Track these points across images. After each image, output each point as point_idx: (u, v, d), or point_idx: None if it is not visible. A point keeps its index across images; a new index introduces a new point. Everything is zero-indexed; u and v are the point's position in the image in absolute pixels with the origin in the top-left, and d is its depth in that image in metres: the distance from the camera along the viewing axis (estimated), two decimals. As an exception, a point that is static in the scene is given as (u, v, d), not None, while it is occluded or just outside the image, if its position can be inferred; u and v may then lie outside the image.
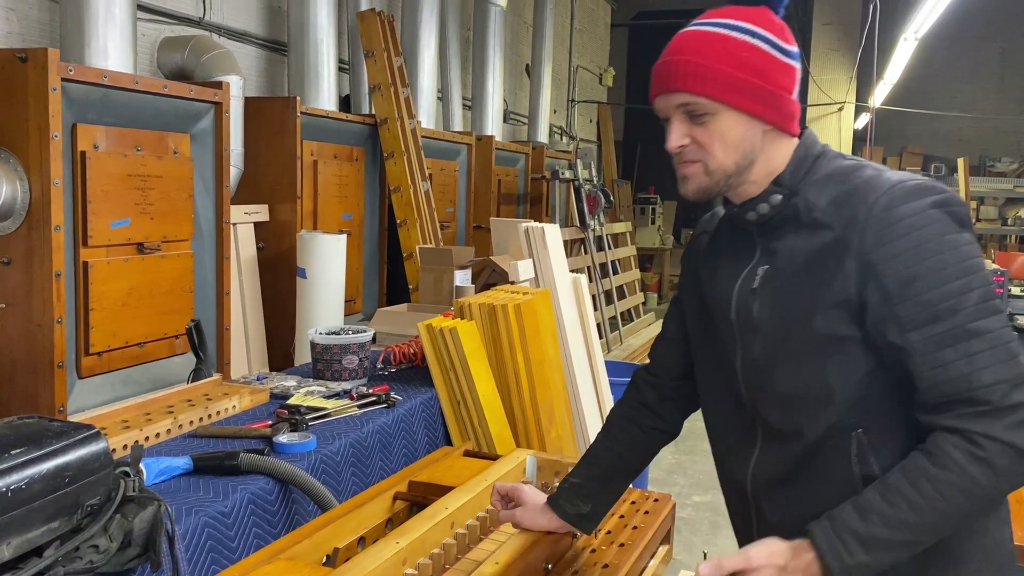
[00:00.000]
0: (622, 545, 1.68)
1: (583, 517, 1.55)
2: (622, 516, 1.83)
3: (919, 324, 1.17)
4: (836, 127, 12.86)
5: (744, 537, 1.42)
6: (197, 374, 2.56)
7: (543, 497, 1.59)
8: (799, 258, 1.27)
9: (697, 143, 1.28)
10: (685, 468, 5.30)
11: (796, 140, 1.32)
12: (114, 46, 3.08)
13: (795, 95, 1.29)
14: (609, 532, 1.75)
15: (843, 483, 1.25)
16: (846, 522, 1.18)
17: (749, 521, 1.40)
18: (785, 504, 1.33)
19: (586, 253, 7.47)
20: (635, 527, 1.79)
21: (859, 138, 13.46)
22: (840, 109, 13.08)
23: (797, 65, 1.29)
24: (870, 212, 1.19)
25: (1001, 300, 1.14)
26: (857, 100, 13.17)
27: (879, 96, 11.61)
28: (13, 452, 1.22)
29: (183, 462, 1.72)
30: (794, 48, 1.29)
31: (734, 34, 1.25)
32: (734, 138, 1.27)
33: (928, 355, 1.16)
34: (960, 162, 9.70)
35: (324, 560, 1.49)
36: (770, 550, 1.20)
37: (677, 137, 1.28)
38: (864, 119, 12.84)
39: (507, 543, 1.54)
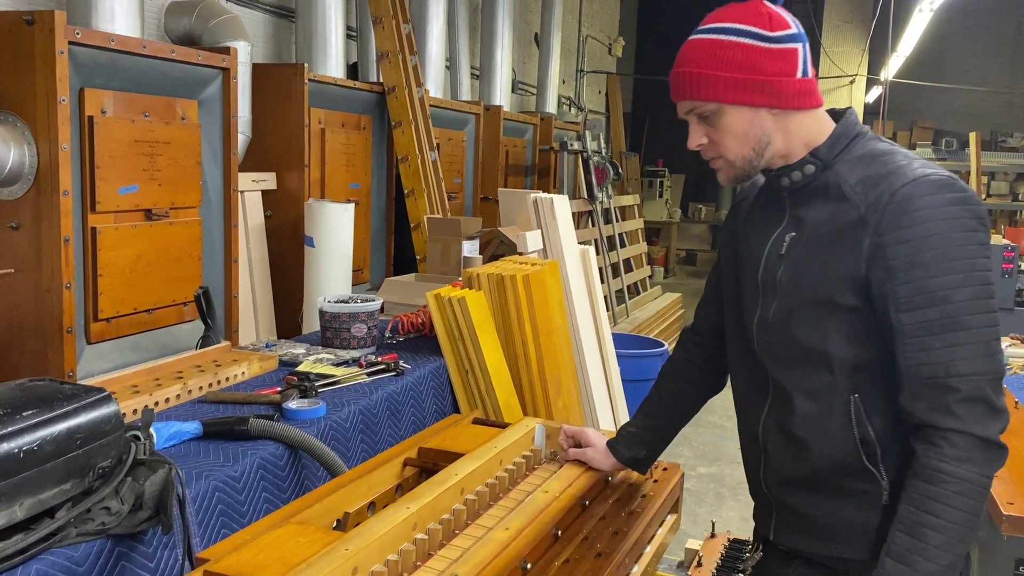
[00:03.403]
0: (632, 512, 1.68)
1: (638, 461, 1.77)
2: (632, 483, 1.83)
3: (912, 307, 1.28)
4: (847, 100, 12.73)
5: (753, 478, 1.56)
6: (205, 341, 2.56)
7: (604, 440, 1.80)
8: (823, 228, 1.37)
9: (712, 140, 1.43)
10: (690, 440, 5.31)
11: (823, 112, 1.43)
12: (121, 10, 3.04)
13: (800, 74, 1.38)
14: (619, 499, 1.75)
15: (841, 442, 1.38)
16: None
17: (758, 465, 1.53)
18: (788, 454, 1.45)
19: (593, 225, 7.44)
20: (644, 495, 1.79)
21: (870, 111, 13.33)
22: (851, 82, 12.95)
23: (793, 46, 1.37)
24: (892, 198, 1.29)
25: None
26: (869, 73, 13.02)
27: (891, 69, 11.46)
28: (25, 414, 1.22)
29: (193, 427, 1.73)
30: (785, 32, 1.37)
31: (721, 37, 1.38)
32: (741, 128, 1.40)
33: (915, 338, 1.28)
34: (972, 137, 9.58)
35: (335, 524, 1.50)
36: None
37: (694, 139, 1.45)
38: (876, 92, 12.71)
39: (517, 509, 1.55)
